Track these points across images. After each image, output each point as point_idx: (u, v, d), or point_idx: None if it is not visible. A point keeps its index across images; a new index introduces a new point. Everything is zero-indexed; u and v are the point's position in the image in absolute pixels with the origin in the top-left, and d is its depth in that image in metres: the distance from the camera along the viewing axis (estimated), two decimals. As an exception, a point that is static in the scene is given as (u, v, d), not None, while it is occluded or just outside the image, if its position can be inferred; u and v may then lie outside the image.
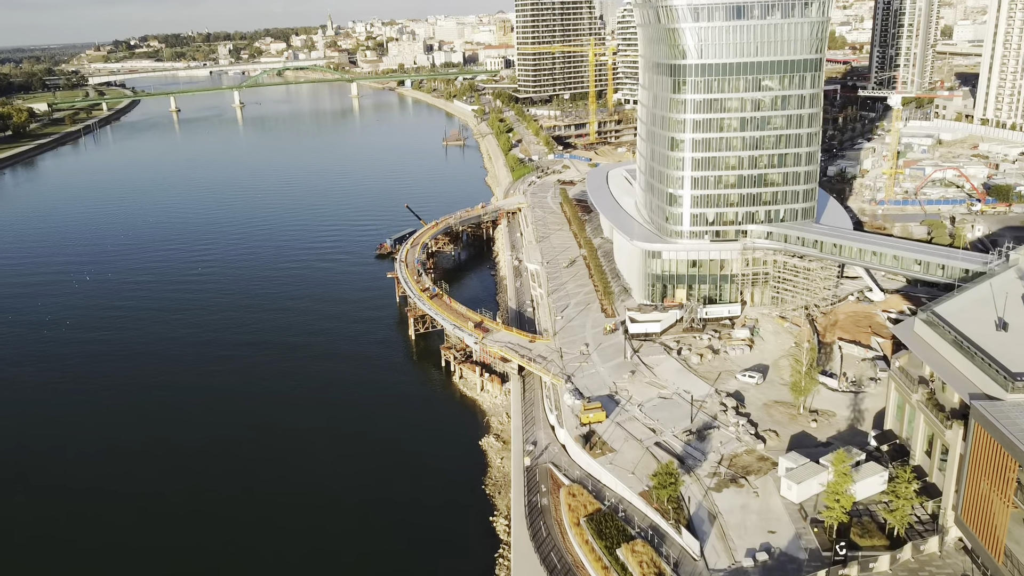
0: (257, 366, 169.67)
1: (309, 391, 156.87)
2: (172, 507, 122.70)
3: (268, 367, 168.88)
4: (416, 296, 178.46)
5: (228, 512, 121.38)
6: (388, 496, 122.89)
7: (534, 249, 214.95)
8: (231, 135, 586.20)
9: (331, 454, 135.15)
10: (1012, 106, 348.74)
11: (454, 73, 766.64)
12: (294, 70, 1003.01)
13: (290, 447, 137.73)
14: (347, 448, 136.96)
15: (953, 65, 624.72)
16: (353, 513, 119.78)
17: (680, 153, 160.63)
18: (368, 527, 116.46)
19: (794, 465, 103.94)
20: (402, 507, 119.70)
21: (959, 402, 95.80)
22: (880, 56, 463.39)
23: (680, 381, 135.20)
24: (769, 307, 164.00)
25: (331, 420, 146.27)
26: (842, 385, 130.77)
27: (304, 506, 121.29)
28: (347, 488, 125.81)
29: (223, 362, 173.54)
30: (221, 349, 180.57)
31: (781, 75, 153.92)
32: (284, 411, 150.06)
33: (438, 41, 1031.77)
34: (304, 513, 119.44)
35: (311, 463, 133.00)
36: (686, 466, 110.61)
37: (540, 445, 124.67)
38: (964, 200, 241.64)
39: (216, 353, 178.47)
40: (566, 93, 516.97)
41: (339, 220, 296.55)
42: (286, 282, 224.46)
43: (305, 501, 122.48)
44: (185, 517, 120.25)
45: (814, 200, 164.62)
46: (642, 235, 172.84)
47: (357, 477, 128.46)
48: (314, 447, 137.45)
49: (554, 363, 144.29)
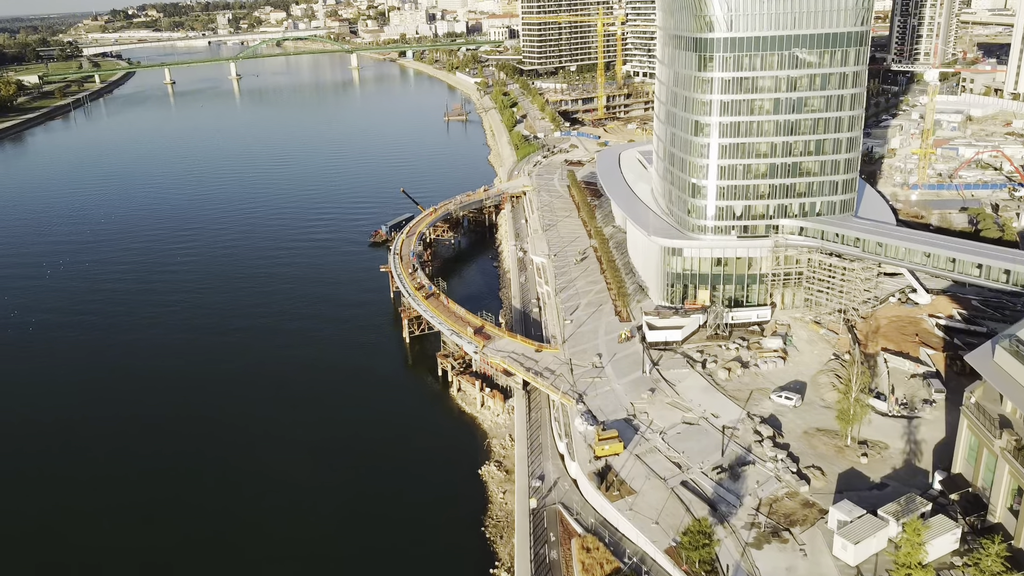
0: (234, 379, 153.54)
1: (290, 408, 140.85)
2: (149, 534, 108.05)
3: (246, 380, 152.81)
4: (411, 295, 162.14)
5: (200, 551, 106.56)
6: (376, 536, 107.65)
7: (540, 239, 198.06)
8: (226, 109, 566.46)
9: (314, 478, 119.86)
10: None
11: (457, 44, 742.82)
12: (293, 40, 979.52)
13: (267, 480, 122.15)
14: (332, 473, 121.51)
15: (974, 35, 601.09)
16: (336, 557, 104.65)
17: (705, 139, 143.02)
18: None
19: (848, 518, 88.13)
20: (391, 554, 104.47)
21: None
22: (902, 26, 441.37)
23: (707, 402, 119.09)
24: (802, 310, 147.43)
25: (314, 440, 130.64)
26: (893, 408, 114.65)
27: (278, 548, 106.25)
28: (329, 520, 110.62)
29: (194, 365, 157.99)
30: (195, 350, 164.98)
31: (821, 50, 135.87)
32: (262, 434, 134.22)
33: (441, 10, 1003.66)
34: (276, 555, 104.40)
35: (289, 491, 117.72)
36: (719, 514, 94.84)
37: (548, 480, 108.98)
38: (1004, 184, 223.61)
39: (189, 354, 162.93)
40: (573, 65, 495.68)
41: (333, 203, 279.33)
42: (272, 275, 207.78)
43: (280, 539, 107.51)
44: (157, 546, 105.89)
45: (854, 191, 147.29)
46: (660, 229, 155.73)
47: (342, 509, 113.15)
48: (293, 472, 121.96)
49: (563, 378, 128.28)
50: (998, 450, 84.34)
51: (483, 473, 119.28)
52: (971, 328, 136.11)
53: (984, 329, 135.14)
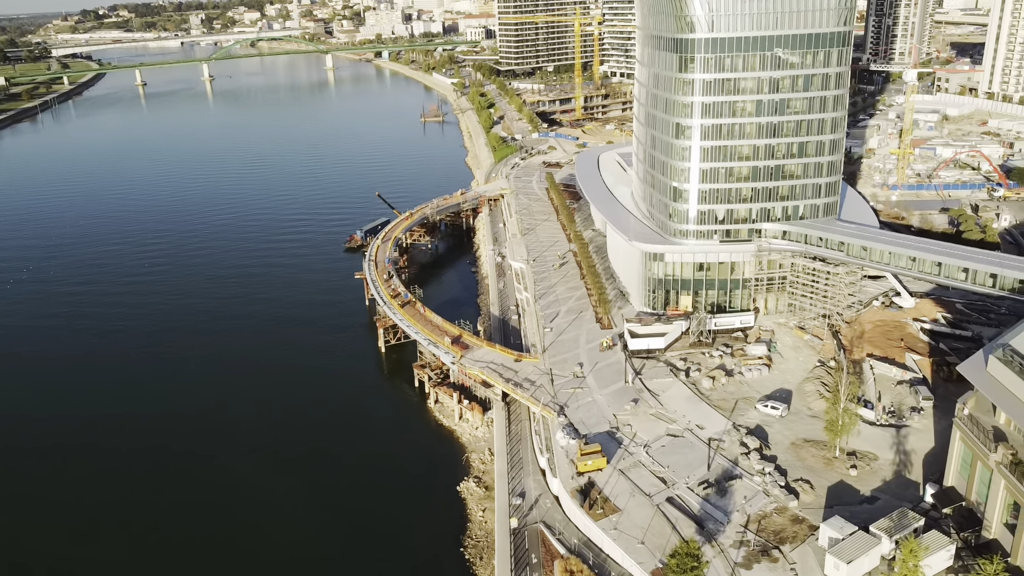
0: (202, 390, 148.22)
1: (260, 422, 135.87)
2: (115, 546, 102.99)
3: (214, 392, 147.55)
4: (386, 304, 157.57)
5: (168, 568, 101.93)
6: (351, 556, 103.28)
7: (518, 243, 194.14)
8: (199, 111, 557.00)
9: (285, 495, 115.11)
10: (1020, 79, 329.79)
11: (433, 44, 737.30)
12: (268, 41, 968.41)
13: (237, 496, 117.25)
14: (303, 492, 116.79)
15: (946, 35, 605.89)
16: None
17: (686, 141, 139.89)
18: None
19: (839, 535, 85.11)
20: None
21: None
22: (877, 25, 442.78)
23: (691, 413, 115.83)
24: (785, 316, 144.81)
25: (285, 456, 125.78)
26: (880, 417, 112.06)
27: (249, 566, 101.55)
28: (301, 539, 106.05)
29: (162, 375, 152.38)
30: (163, 360, 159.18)
31: (803, 51, 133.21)
32: (229, 448, 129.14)
33: (417, 10, 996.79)
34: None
35: (259, 508, 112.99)
36: (706, 532, 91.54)
37: (529, 497, 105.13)
38: (983, 184, 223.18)
39: (157, 364, 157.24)
40: (550, 65, 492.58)
41: (307, 207, 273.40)
42: (244, 281, 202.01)
43: (251, 557, 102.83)
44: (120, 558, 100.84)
45: (837, 194, 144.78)
46: (641, 234, 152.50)
47: (314, 528, 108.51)
48: (264, 489, 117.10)
49: (544, 389, 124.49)
50: (993, 464, 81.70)
51: (462, 489, 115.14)
52: (956, 332, 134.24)
53: (969, 333, 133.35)
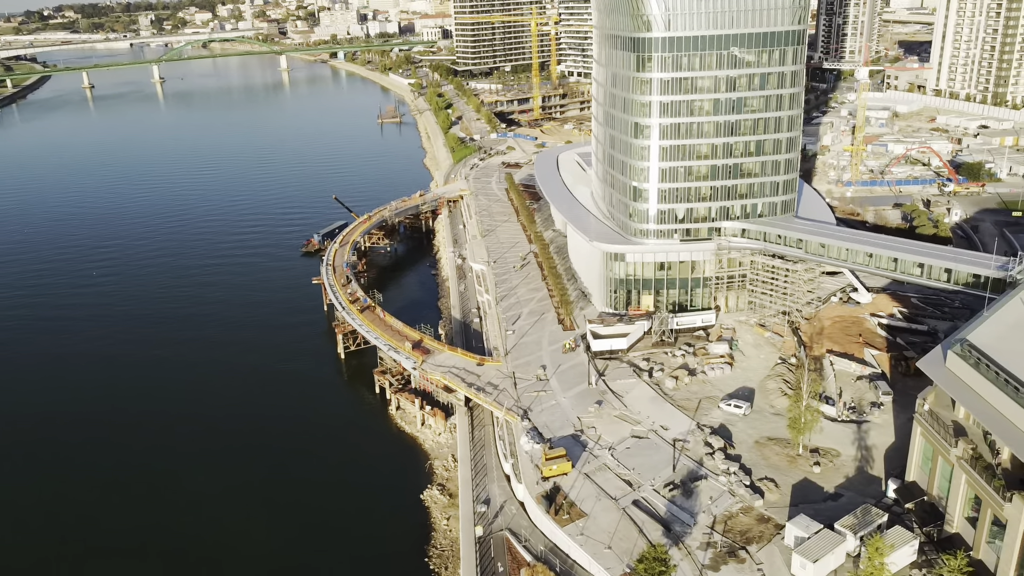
0: (155, 402, 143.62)
1: (216, 433, 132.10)
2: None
3: (168, 404, 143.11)
4: (344, 309, 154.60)
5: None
6: (313, 568, 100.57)
7: (479, 245, 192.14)
8: (149, 114, 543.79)
9: (243, 507, 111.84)
10: (966, 76, 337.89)
11: (389, 44, 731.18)
12: (220, 41, 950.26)
13: (194, 512, 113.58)
14: (262, 502, 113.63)
15: (894, 33, 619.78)
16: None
17: (645, 141, 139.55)
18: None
19: (805, 534, 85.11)
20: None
21: (1010, 457, 77.96)
22: (827, 24, 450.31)
23: (656, 414, 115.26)
24: (746, 314, 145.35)
25: (242, 466, 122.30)
26: (841, 413, 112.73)
27: None
28: (261, 552, 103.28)
29: (113, 389, 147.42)
30: (113, 374, 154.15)
31: (759, 49, 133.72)
32: (186, 463, 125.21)
33: (372, 10, 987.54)
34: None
35: (217, 521, 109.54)
36: (673, 534, 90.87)
37: (494, 504, 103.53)
38: (934, 180, 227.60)
39: (106, 377, 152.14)
40: (507, 65, 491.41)
41: (262, 211, 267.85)
42: (198, 289, 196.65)
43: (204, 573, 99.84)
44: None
45: (795, 192, 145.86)
46: (602, 234, 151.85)
47: (274, 540, 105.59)
48: (221, 501, 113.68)
49: (507, 393, 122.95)
50: (954, 459, 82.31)
51: (425, 498, 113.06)
52: (913, 327, 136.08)
53: (925, 327, 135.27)
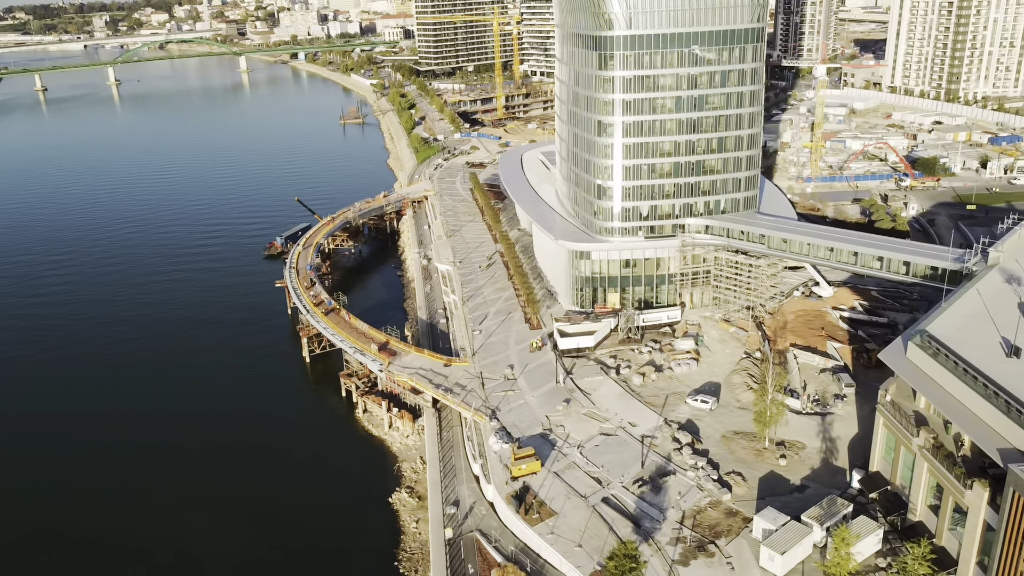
0: (114, 411, 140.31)
1: (179, 442, 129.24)
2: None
3: (128, 412, 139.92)
4: (309, 312, 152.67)
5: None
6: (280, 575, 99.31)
7: (444, 246, 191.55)
8: (105, 116, 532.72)
9: (208, 516, 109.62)
10: (920, 74, 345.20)
11: (351, 45, 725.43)
12: (177, 43, 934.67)
13: (157, 520, 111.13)
14: (228, 509, 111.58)
15: (849, 32, 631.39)
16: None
17: (608, 139, 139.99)
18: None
19: (772, 526, 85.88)
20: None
21: (970, 445, 79.41)
22: (785, 23, 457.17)
23: (623, 410, 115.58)
24: (711, 309, 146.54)
25: (207, 474, 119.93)
26: (806, 406, 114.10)
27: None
28: (227, 559, 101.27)
29: (71, 401, 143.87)
30: (71, 385, 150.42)
31: (719, 47, 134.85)
32: (146, 473, 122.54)
33: (333, 11, 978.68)
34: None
35: (181, 531, 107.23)
36: (642, 531, 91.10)
37: (463, 505, 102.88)
38: (891, 175, 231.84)
39: (64, 389, 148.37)
40: (470, 65, 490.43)
41: (223, 214, 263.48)
42: (157, 295, 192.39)
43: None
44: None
45: (756, 188, 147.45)
46: (567, 232, 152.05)
47: (240, 547, 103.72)
48: (185, 511, 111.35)
49: (475, 394, 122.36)
50: (916, 448, 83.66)
51: (394, 501, 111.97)
52: (873, 319, 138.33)
53: (885, 319, 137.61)
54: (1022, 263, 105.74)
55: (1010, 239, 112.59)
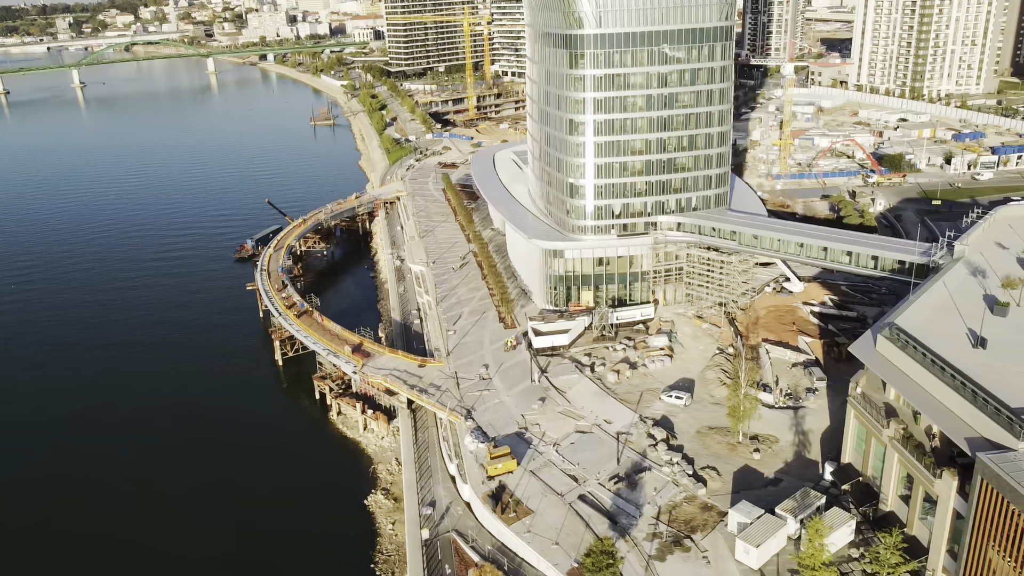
0: (86, 419, 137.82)
1: (151, 448, 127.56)
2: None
3: (99, 420, 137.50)
4: (281, 314, 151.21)
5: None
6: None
7: (417, 246, 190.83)
8: (70, 120, 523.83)
9: (182, 521, 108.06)
10: (885, 72, 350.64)
11: (321, 46, 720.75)
12: (144, 44, 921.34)
13: (130, 526, 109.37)
14: (202, 515, 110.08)
15: (816, 31, 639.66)
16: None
17: (580, 137, 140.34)
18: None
19: (747, 520, 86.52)
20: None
21: (939, 435, 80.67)
22: (753, 22, 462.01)
23: (599, 408, 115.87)
24: (684, 306, 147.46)
25: (181, 480, 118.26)
26: (778, 400, 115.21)
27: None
28: (202, 566, 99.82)
29: (38, 406, 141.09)
30: (38, 390, 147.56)
31: (689, 45, 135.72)
32: (121, 479, 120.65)
33: (302, 12, 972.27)
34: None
35: (154, 538, 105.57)
36: (619, 527, 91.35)
37: (440, 506, 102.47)
38: (858, 171, 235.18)
39: (32, 394, 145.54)
40: (441, 66, 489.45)
41: (193, 217, 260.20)
42: (127, 300, 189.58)
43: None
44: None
45: (727, 185, 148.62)
46: (540, 231, 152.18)
47: (216, 552, 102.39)
48: (159, 517, 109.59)
49: (450, 394, 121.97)
50: (886, 439, 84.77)
51: (370, 503, 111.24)
52: (843, 313, 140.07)
53: (855, 313, 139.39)
54: (986, 256, 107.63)
55: (974, 233, 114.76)
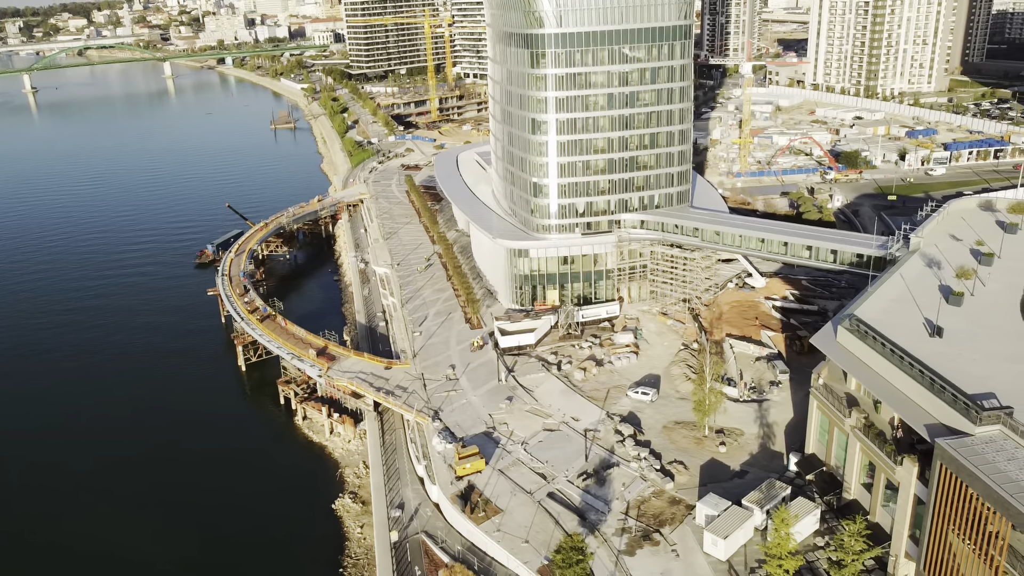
0: (45, 431, 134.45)
1: (113, 458, 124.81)
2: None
3: (59, 431, 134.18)
4: (243, 319, 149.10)
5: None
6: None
7: (381, 248, 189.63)
8: (22, 125, 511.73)
9: (147, 530, 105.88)
10: (840, 71, 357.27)
11: (280, 49, 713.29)
12: (98, 49, 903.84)
13: (93, 538, 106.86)
14: (167, 524, 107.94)
15: (773, 32, 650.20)
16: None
17: (543, 136, 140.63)
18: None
19: (715, 512, 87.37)
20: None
21: (899, 423, 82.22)
22: (711, 23, 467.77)
23: (566, 406, 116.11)
24: (648, 303, 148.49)
25: (144, 490, 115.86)
26: (743, 393, 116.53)
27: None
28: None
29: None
30: None
31: (649, 44, 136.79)
32: (82, 490, 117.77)
33: (260, 15, 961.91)
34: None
35: (119, 548, 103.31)
36: (588, 523, 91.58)
37: (408, 508, 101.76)
38: (816, 168, 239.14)
39: None
40: (402, 68, 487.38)
41: (152, 224, 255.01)
42: (84, 309, 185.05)
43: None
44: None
45: (689, 183, 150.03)
46: (505, 231, 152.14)
47: (182, 562, 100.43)
48: (122, 528, 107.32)
49: (417, 395, 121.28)
50: (848, 428, 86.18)
51: (337, 507, 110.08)
52: (804, 307, 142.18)
53: (815, 307, 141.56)
54: (941, 248, 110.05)
55: (929, 225, 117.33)
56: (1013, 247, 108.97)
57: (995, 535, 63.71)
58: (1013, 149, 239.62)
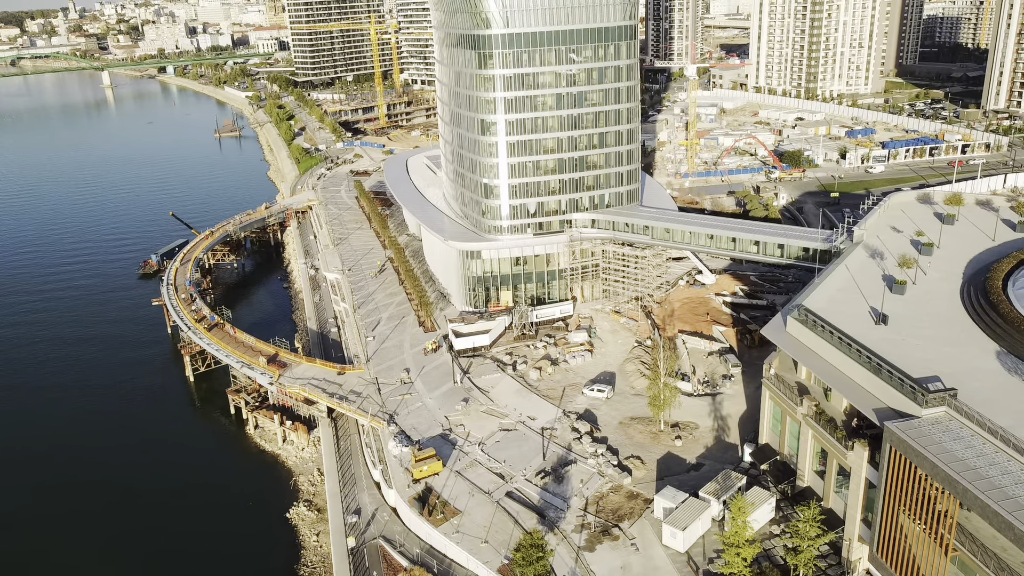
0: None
1: (57, 479, 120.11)
2: None
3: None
4: (190, 328, 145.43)
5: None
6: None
7: (332, 254, 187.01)
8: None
9: (96, 553, 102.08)
10: (781, 74, 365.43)
11: (223, 57, 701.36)
12: (31, 58, 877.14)
13: (29, 553, 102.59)
14: (116, 545, 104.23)
15: (715, 37, 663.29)
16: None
17: (492, 137, 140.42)
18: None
19: (672, 504, 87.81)
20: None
21: (848, 408, 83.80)
22: (655, 28, 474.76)
23: (522, 405, 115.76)
24: (601, 302, 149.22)
25: (91, 510, 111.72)
26: (697, 388, 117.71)
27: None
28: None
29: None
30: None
31: (595, 44, 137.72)
32: (27, 512, 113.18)
33: (202, 23, 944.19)
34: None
35: (62, 564, 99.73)
36: (548, 520, 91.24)
37: (365, 513, 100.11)
38: (761, 168, 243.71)
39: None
40: (349, 75, 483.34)
41: (92, 236, 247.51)
42: (22, 326, 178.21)
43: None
44: None
45: (638, 181, 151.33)
46: (456, 233, 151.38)
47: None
48: (69, 551, 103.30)
49: (371, 400, 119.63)
50: (800, 417, 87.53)
51: (292, 516, 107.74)
52: (753, 302, 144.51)
53: (764, 302, 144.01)
54: (883, 239, 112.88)
55: (871, 218, 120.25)
56: (951, 237, 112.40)
57: (944, 514, 65.18)
58: (947, 147, 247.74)
